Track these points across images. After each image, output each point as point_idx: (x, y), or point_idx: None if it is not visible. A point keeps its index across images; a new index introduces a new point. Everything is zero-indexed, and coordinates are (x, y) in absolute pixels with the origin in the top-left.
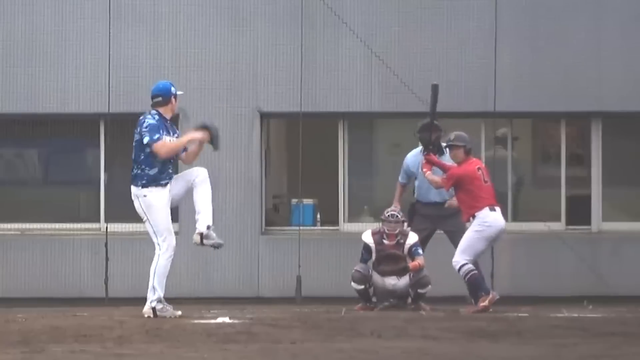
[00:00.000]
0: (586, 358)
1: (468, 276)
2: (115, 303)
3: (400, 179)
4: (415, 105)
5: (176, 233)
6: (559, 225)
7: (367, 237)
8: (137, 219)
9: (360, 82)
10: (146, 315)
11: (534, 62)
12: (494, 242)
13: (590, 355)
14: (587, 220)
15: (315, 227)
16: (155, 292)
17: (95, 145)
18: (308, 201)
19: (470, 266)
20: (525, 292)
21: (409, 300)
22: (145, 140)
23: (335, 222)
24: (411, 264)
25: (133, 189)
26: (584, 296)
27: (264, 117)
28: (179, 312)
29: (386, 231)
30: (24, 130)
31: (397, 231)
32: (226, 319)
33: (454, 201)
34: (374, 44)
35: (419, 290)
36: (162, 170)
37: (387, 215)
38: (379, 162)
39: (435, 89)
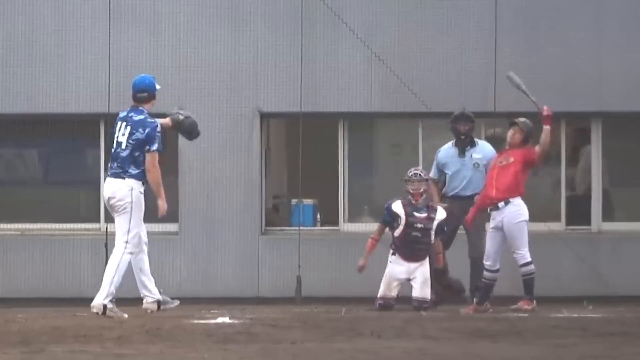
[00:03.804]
0: (586, 358)
1: (528, 277)
2: (115, 303)
3: (432, 174)
4: (415, 105)
5: (175, 234)
6: (559, 225)
7: (398, 207)
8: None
9: (360, 82)
10: (94, 311)
11: (534, 62)
12: None
13: (590, 355)
14: (587, 220)
15: (315, 227)
16: (111, 286)
17: (95, 145)
18: (308, 201)
19: (533, 267)
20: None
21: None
22: (155, 147)
23: (335, 222)
24: (437, 254)
25: (132, 181)
26: (584, 296)
27: (264, 117)
28: (125, 315)
29: (411, 191)
30: (24, 130)
31: (421, 190)
32: (226, 319)
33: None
34: (374, 44)
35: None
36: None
37: (410, 174)
38: (379, 162)
39: (511, 79)
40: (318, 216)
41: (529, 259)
